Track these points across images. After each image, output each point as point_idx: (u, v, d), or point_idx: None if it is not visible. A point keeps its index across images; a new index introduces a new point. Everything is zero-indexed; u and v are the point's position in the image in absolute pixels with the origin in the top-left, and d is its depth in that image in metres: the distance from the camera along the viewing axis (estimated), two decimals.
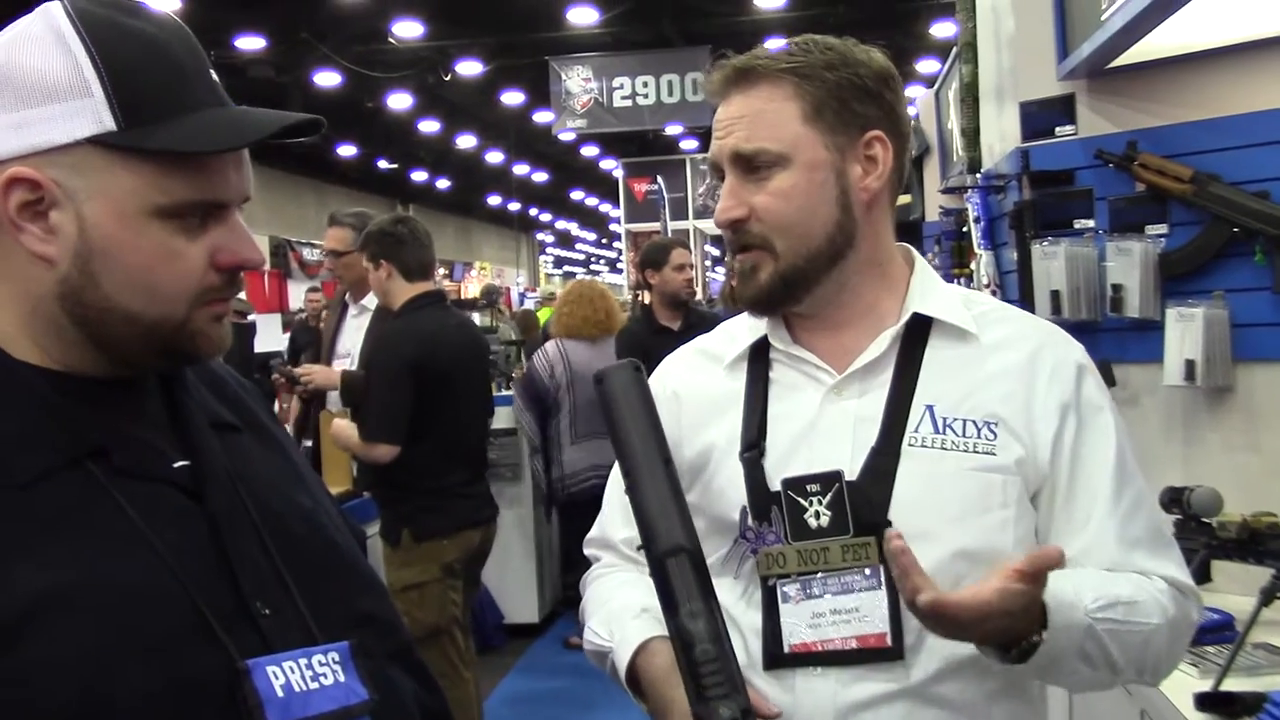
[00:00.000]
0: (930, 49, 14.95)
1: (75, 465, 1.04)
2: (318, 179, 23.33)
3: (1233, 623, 2.30)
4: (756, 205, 1.47)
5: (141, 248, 1.06)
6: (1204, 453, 2.78)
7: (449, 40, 15.43)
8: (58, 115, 1.03)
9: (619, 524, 1.65)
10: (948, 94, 4.95)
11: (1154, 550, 1.48)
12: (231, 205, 1.11)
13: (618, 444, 1.32)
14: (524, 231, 38.46)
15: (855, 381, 1.50)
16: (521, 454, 6.66)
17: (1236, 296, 2.69)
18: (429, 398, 4.01)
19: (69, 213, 1.04)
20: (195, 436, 1.15)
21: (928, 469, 1.44)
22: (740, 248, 1.50)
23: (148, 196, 1.05)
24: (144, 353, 1.10)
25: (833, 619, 1.43)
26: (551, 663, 6.34)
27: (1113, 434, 1.49)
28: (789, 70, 1.47)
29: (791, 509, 1.45)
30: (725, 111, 1.50)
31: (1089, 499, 1.46)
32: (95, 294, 1.06)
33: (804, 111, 1.46)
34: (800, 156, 1.46)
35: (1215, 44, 2.72)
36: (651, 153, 18.87)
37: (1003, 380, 1.48)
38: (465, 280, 27.96)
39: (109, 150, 1.04)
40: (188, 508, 1.10)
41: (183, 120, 1.06)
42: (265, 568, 1.12)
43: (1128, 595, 1.39)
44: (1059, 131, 3.02)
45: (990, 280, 3.45)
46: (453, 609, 4.13)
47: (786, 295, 1.50)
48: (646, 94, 14.93)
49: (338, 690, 1.08)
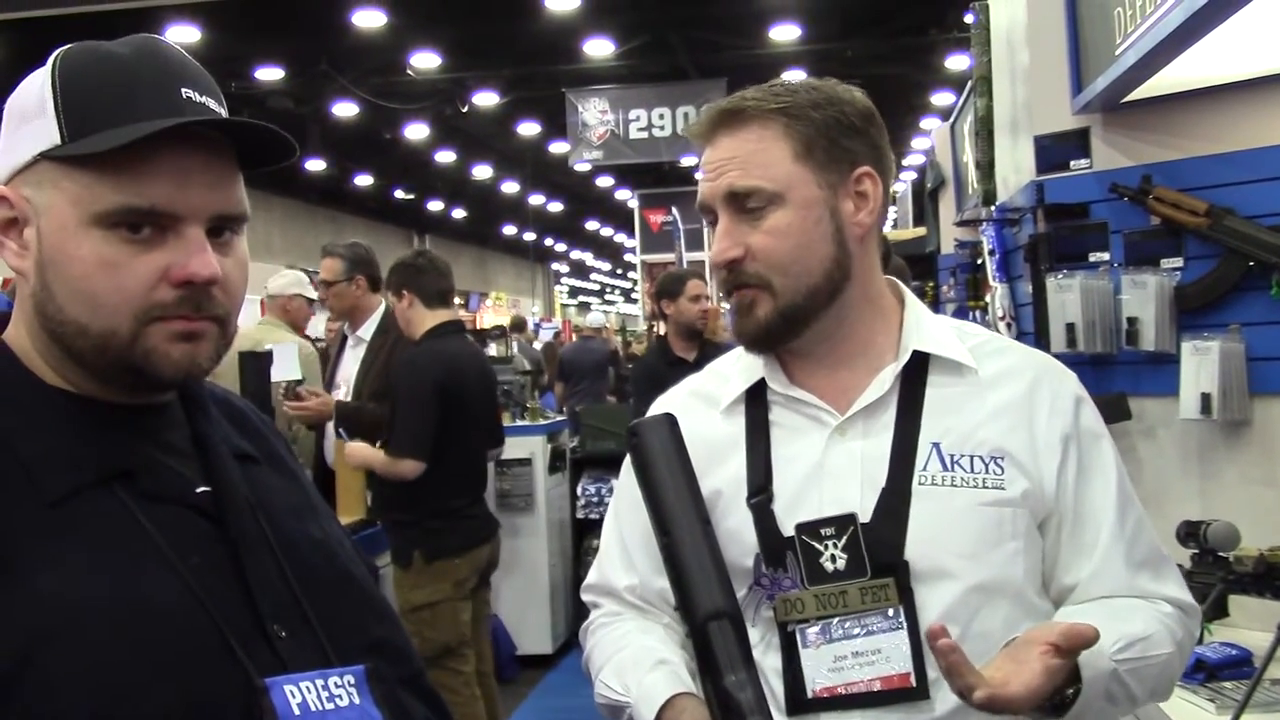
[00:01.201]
0: (945, 82, 14.99)
1: (102, 486, 1.07)
2: (334, 209, 23.46)
3: (1250, 658, 2.28)
4: (753, 245, 1.48)
5: (81, 257, 1.07)
6: (1220, 486, 2.77)
7: (466, 72, 15.54)
8: (26, 136, 1.09)
9: (620, 570, 1.63)
10: (963, 127, 4.96)
11: (1157, 572, 1.52)
12: (187, 220, 1.09)
13: (654, 500, 1.31)
14: (539, 262, 38.56)
15: (859, 421, 1.50)
16: (535, 484, 6.65)
17: (1252, 330, 2.69)
18: (448, 421, 4.18)
19: (34, 227, 1.09)
20: (217, 464, 1.18)
21: (939, 506, 1.44)
22: (736, 286, 1.50)
23: (87, 205, 1.07)
24: (105, 369, 1.10)
25: (855, 661, 1.42)
26: (565, 693, 6.31)
27: (1112, 461, 1.53)
28: (778, 110, 1.48)
29: (807, 553, 1.44)
30: (714, 154, 1.51)
31: (1095, 526, 1.49)
32: (53, 306, 1.09)
33: (795, 150, 1.48)
34: (794, 195, 1.47)
35: (1230, 78, 2.72)
36: (667, 184, 18.92)
37: (1005, 415, 1.50)
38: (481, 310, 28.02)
39: (56, 163, 1.08)
40: (209, 531, 1.12)
41: (120, 130, 1.06)
42: (283, 592, 1.14)
43: (1141, 631, 1.41)
44: (1074, 165, 3.03)
45: (1005, 313, 3.45)
46: (463, 629, 4.28)
47: (787, 331, 1.50)
48: (663, 126, 14.98)
49: (352, 712, 1.09)
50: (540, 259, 38.31)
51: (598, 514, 7.09)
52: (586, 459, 7.34)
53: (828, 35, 13.98)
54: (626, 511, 1.62)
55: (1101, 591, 1.48)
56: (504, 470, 6.51)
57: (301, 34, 13.38)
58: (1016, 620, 1.45)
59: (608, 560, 1.66)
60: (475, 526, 4.40)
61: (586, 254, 40.67)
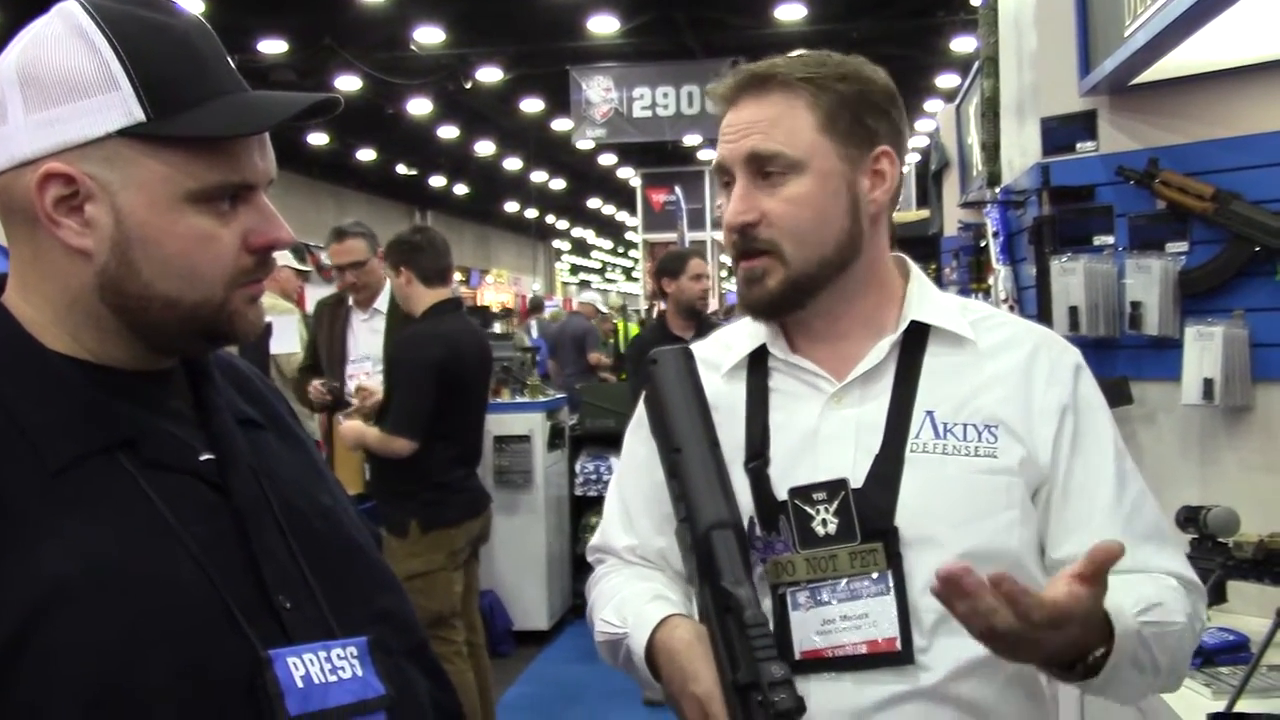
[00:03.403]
0: (951, 64, 14.94)
1: (105, 454, 1.06)
2: (336, 184, 23.41)
3: (1248, 643, 2.28)
4: (769, 210, 1.48)
5: (178, 234, 1.08)
6: (1221, 472, 2.77)
7: (470, 48, 15.47)
8: (88, 110, 1.05)
9: (620, 532, 1.66)
10: (968, 108, 4.94)
11: (1160, 546, 1.51)
12: (258, 187, 1.14)
13: (667, 420, 1.35)
14: (541, 239, 38.51)
15: (855, 389, 1.52)
16: (533, 461, 6.66)
17: (1256, 316, 2.68)
18: (447, 398, 4.27)
19: (104, 205, 1.07)
20: (221, 431, 1.18)
21: (931, 474, 1.46)
22: (746, 253, 1.51)
23: (179, 183, 1.07)
24: (184, 337, 1.13)
25: (843, 625, 1.44)
26: (560, 670, 6.33)
27: (1110, 434, 1.53)
28: (806, 80, 1.49)
29: (799, 518, 1.46)
30: (737, 116, 1.51)
31: (1090, 498, 1.49)
32: (135, 283, 1.08)
33: (819, 121, 1.48)
34: (814, 164, 1.48)
35: (1238, 62, 2.71)
36: (669, 163, 18.87)
37: (1001, 383, 1.51)
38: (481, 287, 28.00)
39: (139, 141, 1.06)
40: (213, 500, 1.12)
41: (207, 107, 1.08)
42: (287, 562, 1.14)
43: (1155, 596, 1.40)
44: (1080, 147, 3.02)
45: (1008, 295, 3.44)
46: (455, 599, 4.41)
47: (794, 302, 1.52)
48: (666, 105, 14.93)
49: (355, 684, 1.10)
50: (542, 236, 38.25)
51: (596, 491, 7.10)
52: (585, 436, 7.36)
53: (834, 16, 13.92)
54: (630, 474, 1.66)
55: None
56: (503, 447, 6.52)
57: (305, 7, 13.33)
58: None
59: (610, 522, 1.69)
60: (471, 499, 4.52)
61: (588, 232, 40.61)
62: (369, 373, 4.82)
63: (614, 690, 5.79)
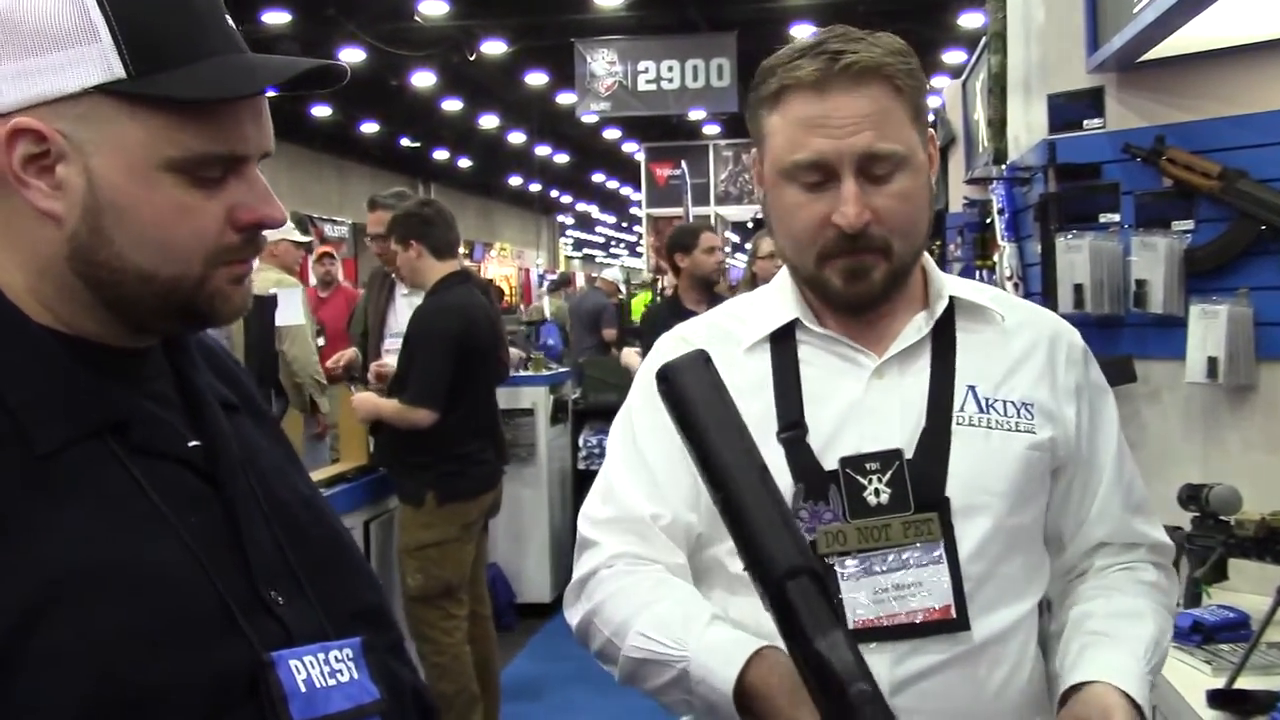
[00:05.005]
0: (957, 40, 14.87)
1: (94, 438, 0.99)
2: (340, 156, 23.35)
3: (1248, 621, 2.30)
4: (880, 208, 1.44)
5: (154, 203, 0.99)
6: (1224, 451, 2.77)
7: (474, 20, 15.41)
8: (64, 63, 0.96)
9: (644, 500, 1.53)
10: (975, 85, 4.92)
11: (1146, 515, 1.62)
12: (250, 159, 1.04)
13: (702, 450, 1.15)
14: (544, 213, 38.44)
15: (894, 364, 1.53)
16: (537, 434, 6.68)
17: (1261, 294, 2.68)
18: (463, 370, 4.31)
19: (77, 166, 0.97)
20: (209, 415, 1.11)
21: (978, 447, 1.48)
22: (855, 250, 1.46)
23: (159, 149, 0.98)
24: (160, 314, 1.04)
25: (895, 594, 1.45)
26: (564, 642, 6.32)
27: (1114, 412, 1.62)
28: (898, 71, 1.45)
29: (850, 487, 1.46)
30: (835, 109, 1.42)
31: (1100, 472, 1.58)
32: (107, 252, 0.99)
33: (910, 113, 1.47)
34: (915, 158, 1.47)
35: (1246, 39, 2.70)
36: (674, 137, 18.82)
37: (1029, 363, 1.56)
38: (485, 260, 27.97)
39: (118, 99, 0.97)
40: (201, 490, 1.05)
41: (195, 67, 0.99)
42: (275, 555, 1.09)
43: (1155, 631, 1.49)
44: (1086, 124, 3.01)
45: (1013, 273, 3.44)
46: (465, 569, 4.44)
47: (892, 291, 1.52)
48: (671, 79, 14.88)
49: (353, 687, 1.05)
50: (546, 210, 38.19)
51: (599, 465, 7.09)
52: (589, 410, 7.37)
53: None
54: (651, 435, 1.54)
55: (1101, 534, 1.58)
56: (506, 420, 6.52)
57: None
58: (1034, 566, 1.54)
59: (626, 489, 1.56)
60: (486, 472, 4.55)
61: (592, 206, 40.53)
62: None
63: None
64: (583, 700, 5.51)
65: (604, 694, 5.51)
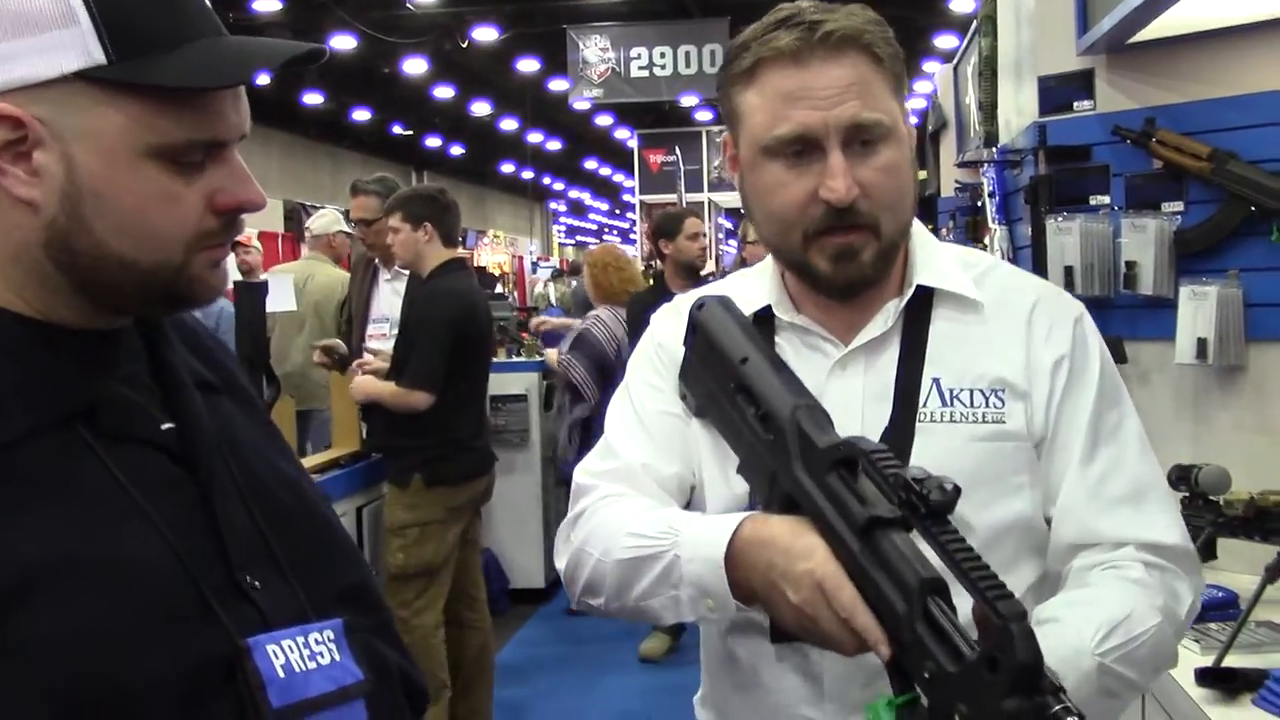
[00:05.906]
0: (948, 24, 14.85)
1: (62, 425, 0.97)
2: (332, 144, 23.30)
3: (1236, 600, 2.31)
4: (867, 182, 1.37)
5: (135, 190, 0.98)
6: (1213, 431, 2.78)
7: (466, 7, 15.37)
8: (41, 47, 0.94)
9: (634, 448, 1.51)
10: (966, 68, 4.92)
11: (1137, 510, 1.42)
12: (230, 144, 1.03)
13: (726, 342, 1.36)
14: (537, 200, 38.37)
15: (861, 356, 1.47)
16: (530, 420, 6.68)
17: (1251, 276, 2.68)
18: (459, 355, 4.32)
19: (54, 153, 0.96)
20: (183, 397, 1.09)
21: (940, 443, 1.41)
22: (842, 227, 1.39)
23: (140, 136, 0.97)
24: (140, 300, 1.03)
25: None
26: (556, 628, 6.38)
27: (1093, 390, 1.45)
28: (878, 40, 1.39)
29: None
30: (816, 79, 1.36)
31: (1063, 454, 1.43)
32: (86, 240, 0.98)
33: (891, 83, 1.40)
34: (898, 130, 1.40)
35: (1236, 21, 2.70)
36: (667, 124, 18.79)
37: (1003, 342, 1.45)
38: (478, 248, 27.91)
39: (98, 85, 0.95)
40: (175, 474, 1.03)
41: (177, 52, 0.97)
42: (254, 538, 1.07)
43: (1120, 610, 1.32)
44: (1077, 107, 3.01)
45: (1004, 255, 3.45)
46: (447, 551, 4.41)
47: (881, 274, 1.44)
48: (664, 65, 14.84)
49: (335, 669, 1.03)
50: (538, 198, 38.12)
51: None
52: None
53: None
54: (648, 395, 1.54)
55: (1067, 535, 1.43)
56: (499, 406, 6.53)
57: None
58: (1025, 552, 1.44)
59: (621, 439, 1.53)
60: (476, 459, 4.56)
61: (585, 193, 40.46)
62: (386, 335, 4.80)
63: (610, 648, 5.84)
64: (574, 685, 5.54)
65: (595, 679, 5.54)
